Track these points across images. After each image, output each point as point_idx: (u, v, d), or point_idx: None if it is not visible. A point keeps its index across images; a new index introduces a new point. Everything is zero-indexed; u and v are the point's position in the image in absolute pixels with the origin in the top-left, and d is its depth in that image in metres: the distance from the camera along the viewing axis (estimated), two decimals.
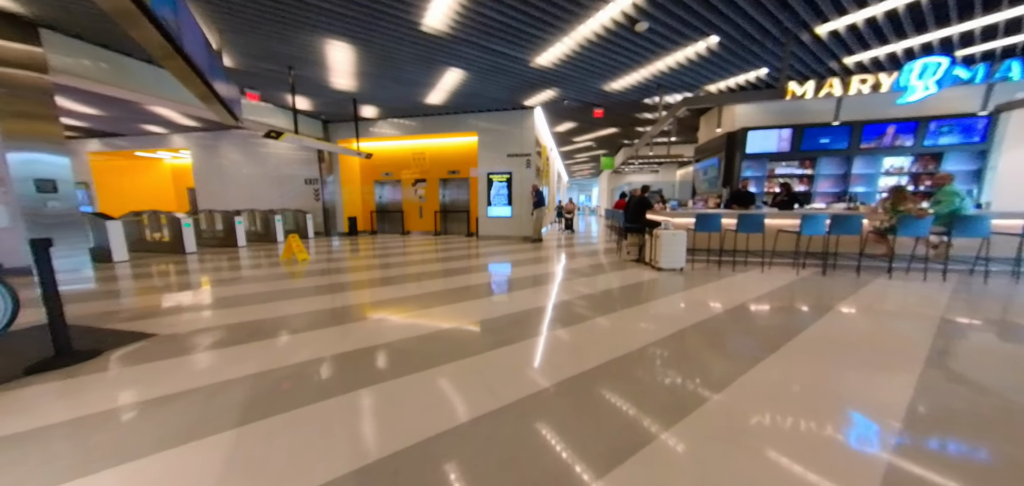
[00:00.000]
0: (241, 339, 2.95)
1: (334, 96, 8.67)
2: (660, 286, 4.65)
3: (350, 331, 3.13)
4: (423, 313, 3.62)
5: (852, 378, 2.27)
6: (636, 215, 6.85)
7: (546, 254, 7.60)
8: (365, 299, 4.17)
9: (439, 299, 4.11)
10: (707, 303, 3.89)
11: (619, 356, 2.57)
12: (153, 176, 16.13)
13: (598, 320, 3.35)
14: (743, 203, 7.24)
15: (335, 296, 4.29)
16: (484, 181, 10.64)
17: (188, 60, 2.99)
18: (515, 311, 3.63)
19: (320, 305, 3.92)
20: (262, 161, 12.36)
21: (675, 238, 5.44)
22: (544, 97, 8.71)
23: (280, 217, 9.89)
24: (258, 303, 3.99)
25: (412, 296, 4.27)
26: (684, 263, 5.54)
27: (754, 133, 7.88)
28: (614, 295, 4.23)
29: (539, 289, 4.54)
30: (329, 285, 4.84)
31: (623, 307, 3.76)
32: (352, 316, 3.55)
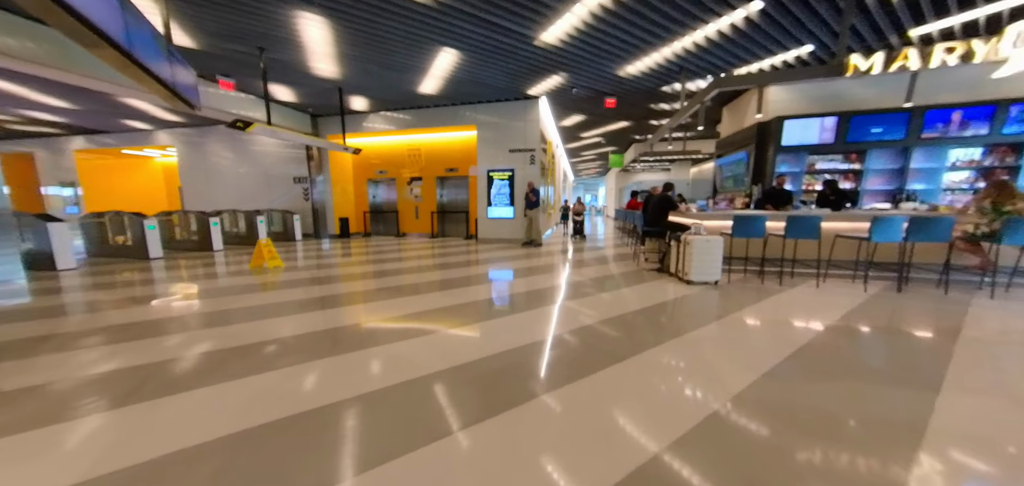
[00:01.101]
0: (121, 396, 2.10)
1: (318, 85, 7.85)
2: (697, 308, 3.71)
3: (278, 385, 2.25)
4: (390, 352, 2.73)
5: None
6: (656, 217, 5.90)
7: (551, 262, 6.68)
8: (319, 324, 3.30)
9: (415, 328, 3.22)
10: (773, 337, 2.94)
11: (675, 441, 1.65)
12: (144, 175, 15.57)
13: (627, 366, 2.42)
14: (778, 203, 6.25)
15: (287, 321, 3.43)
16: (484, 179, 9.75)
17: (105, 37, 2.30)
18: (510, 346, 2.73)
19: (264, 333, 3.05)
20: (250, 159, 11.64)
21: (710, 246, 4.48)
22: (550, 85, 7.79)
23: (263, 218, 9.12)
24: (183, 332, 3.14)
25: (378, 325, 3.39)
26: (719, 275, 4.58)
27: (792, 123, 6.87)
28: (640, 322, 3.30)
29: (543, 311, 3.63)
30: (288, 304, 3.98)
31: (657, 341, 2.82)
32: (292, 352, 2.68)
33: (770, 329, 3.10)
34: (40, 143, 13.44)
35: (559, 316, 3.47)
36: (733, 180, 8.74)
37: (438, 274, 5.51)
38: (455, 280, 5.07)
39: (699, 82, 7.55)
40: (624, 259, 6.85)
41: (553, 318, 3.40)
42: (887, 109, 6.31)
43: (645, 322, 3.28)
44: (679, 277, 4.87)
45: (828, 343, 2.79)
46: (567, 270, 5.80)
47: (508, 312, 3.62)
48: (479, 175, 9.80)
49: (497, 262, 6.62)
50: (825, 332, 3.00)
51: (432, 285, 4.77)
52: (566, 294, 4.27)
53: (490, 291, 4.49)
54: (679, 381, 2.21)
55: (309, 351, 2.69)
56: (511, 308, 3.76)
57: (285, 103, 9.27)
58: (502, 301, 4.04)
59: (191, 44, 5.69)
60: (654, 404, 1.96)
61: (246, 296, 4.27)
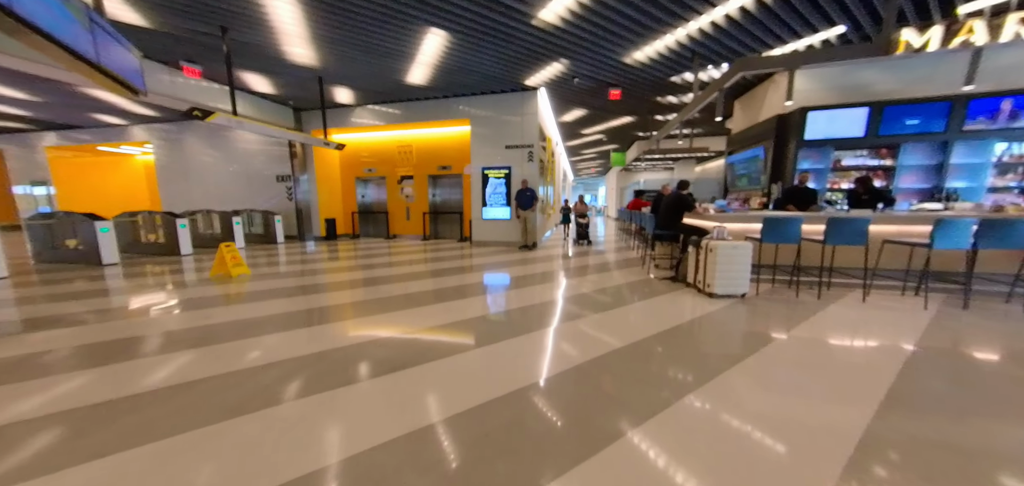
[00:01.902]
0: None
1: (296, 74, 7.18)
2: (731, 330, 3.05)
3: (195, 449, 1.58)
4: (340, 405, 2.07)
5: None
6: (670, 219, 5.24)
7: (550, 269, 6.01)
8: (265, 356, 2.63)
9: (383, 359, 2.56)
10: (849, 371, 2.28)
11: None
12: (124, 174, 14.86)
13: (662, 427, 1.76)
14: (801, 203, 5.61)
15: (216, 354, 2.75)
16: (478, 178, 9.08)
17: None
18: (501, 391, 2.07)
19: (173, 374, 2.38)
20: (232, 156, 10.96)
21: (737, 253, 3.83)
22: (549, 74, 7.13)
23: (239, 219, 8.44)
24: (78, 373, 2.46)
25: (342, 355, 2.72)
26: (747, 287, 3.93)
27: (816, 115, 6.22)
28: (665, 352, 2.63)
29: (540, 338, 2.97)
30: (231, 328, 3.30)
31: (697, 381, 2.16)
32: (196, 409, 2.01)
33: (838, 359, 2.45)
34: (9, 139, 12.72)
35: (561, 344, 2.80)
36: (747, 178, 8.10)
37: (424, 284, 4.84)
38: (441, 293, 4.41)
39: (712, 71, 6.92)
40: (631, 266, 6.19)
41: (553, 348, 2.74)
42: (927, 98, 5.66)
43: (671, 351, 2.61)
44: (698, 288, 4.21)
45: (923, 377, 2.13)
46: (568, 280, 5.14)
47: (502, 335, 2.95)
48: (474, 173, 9.13)
49: (491, 269, 5.96)
50: (911, 362, 2.35)
51: (414, 300, 4.11)
52: (568, 313, 3.61)
53: (481, 306, 3.83)
54: (750, 450, 1.55)
55: (228, 404, 2.02)
56: (505, 329, 3.10)
57: (262, 95, 8.59)
58: (494, 322, 3.38)
59: (138, 20, 5.00)
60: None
61: (181, 316, 3.60)
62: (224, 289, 4.57)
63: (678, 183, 5.30)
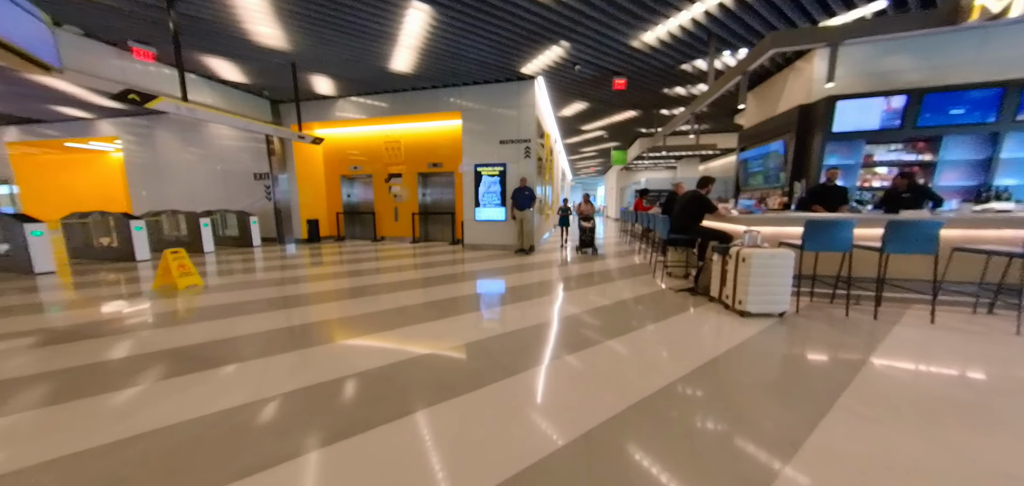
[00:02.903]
0: None
1: (267, 59, 6.45)
2: (783, 366, 2.36)
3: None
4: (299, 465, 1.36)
5: None
6: (685, 221, 4.56)
7: (549, 278, 5.33)
8: (180, 404, 1.92)
9: (348, 418, 1.85)
10: (987, 432, 1.59)
11: None
12: (98, 172, 14.05)
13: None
14: (830, 202, 4.98)
15: (106, 407, 2.04)
16: (471, 176, 8.38)
17: None
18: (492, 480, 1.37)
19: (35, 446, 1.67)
20: (206, 153, 10.20)
21: (776, 263, 3.15)
22: (548, 60, 6.45)
23: (207, 221, 7.69)
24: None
25: (276, 407, 2.01)
26: (788, 305, 3.25)
27: (846, 104, 5.56)
28: (706, 406, 1.94)
29: (541, 378, 2.27)
30: (142, 362, 2.59)
31: (769, 455, 1.47)
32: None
33: (955, 411, 1.76)
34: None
35: (569, 394, 2.11)
36: (762, 176, 7.44)
37: (406, 298, 4.14)
38: (426, 309, 3.71)
39: (728, 58, 6.25)
40: (638, 274, 5.51)
41: (559, 397, 2.05)
42: (975, 84, 5.00)
43: (713, 403, 1.92)
44: (726, 304, 3.53)
45: None
46: (571, 293, 4.45)
47: (492, 374, 2.26)
48: (466, 171, 8.43)
49: (485, 280, 5.27)
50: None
51: (392, 320, 3.41)
52: (575, 338, 2.92)
53: (471, 330, 3.13)
54: None
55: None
56: (497, 364, 2.40)
57: (233, 84, 7.85)
58: (484, 353, 2.68)
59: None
60: None
61: (69, 349, 2.88)
62: (161, 306, 3.84)
63: (698, 181, 4.62)
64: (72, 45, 4.94)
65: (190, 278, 4.52)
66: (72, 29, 4.91)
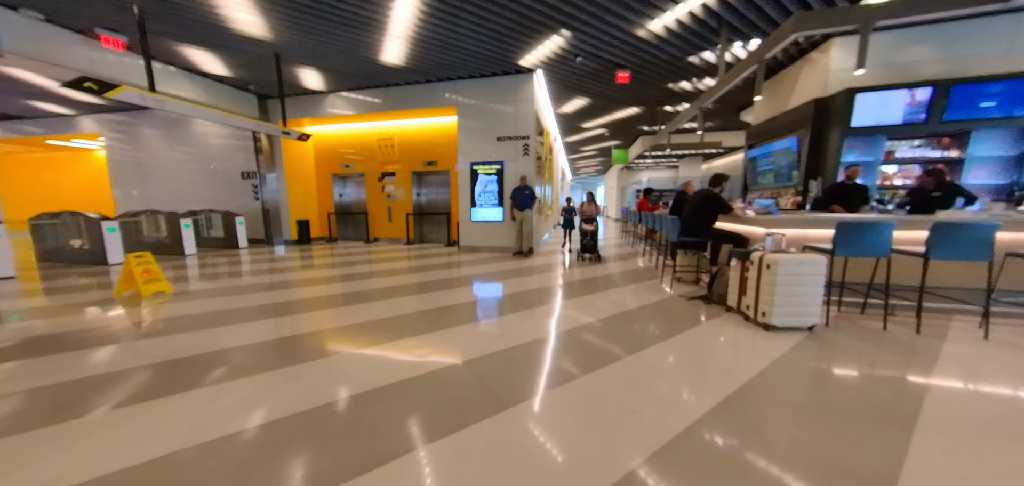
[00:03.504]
0: None
1: (249, 49, 6.07)
2: (838, 397, 1.99)
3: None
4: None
5: None
6: (697, 223, 4.19)
7: (550, 284, 4.96)
8: (103, 453, 1.54)
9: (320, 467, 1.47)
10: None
11: None
12: (84, 171, 13.63)
13: None
14: (850, 202, 4.63)
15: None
16: (467, 174, 8.00)
17: None
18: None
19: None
20: (192, 150, 9.82)
21: (806, 271, 2.78)
22: (548, 50, 6.07)
23: (189, 222, 7.30)
24: None
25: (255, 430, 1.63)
26: (818, 317, 2.89)
27: (866, 97, 5.20)
28: (743, 448, 1.57)
29: (525, 416, 1.90)
30: (65, 393, 2.21)
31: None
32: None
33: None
34: None
35: (569, 438, 1.73)
36: (773, 174, 7.08)
37: (392, 307, 3.76)
38: (409, 323, 3.34)
39: (738, 49, 5.90)
40: (644, 279, 5.15)
41: (559, 444, 1.67)
42: (1010, 74, 4.64)
43: (757, 446, 1.55)
44: (745, 315, 3.17)
45: None
46: (574, 301, 4.08)
47: (480, 411, 1.89)
48: (462, 170, 8.05)
49: (482, 286, 4.89)
50: None
51: (376, 334, 3.04)
52: (575, 361, 2.55)
53: (460, 347, 2.76)
54: None
55: None
56: (484, 402, 2.03)
57: (217, 78, 7.46)
58: (472, 382, 2.31)
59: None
60: None
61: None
62: (117, 318, 3.46)
63: (711, 178, 4.25)
64: (28, 30, 4.55)
65: (156, 285, 4.13)
66: (30, 14, 4.52)
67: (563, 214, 8.41)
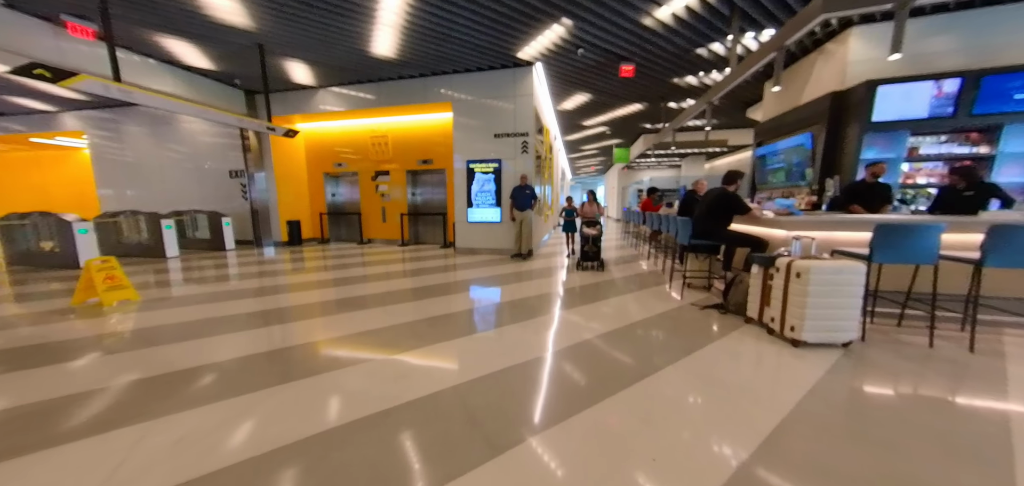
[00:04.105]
0: None
1: (230, 40, 5.72)
2: (901, 434, 1.63)
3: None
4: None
5: None
6: (710, 224, 3.85)
7: (549, 291, 4.61)
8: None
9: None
10: None
11: None
12: (71, 170, 13.24)
13: None
14: (871, 202, 4.29)
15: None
16: (463, 174, 7.66)
17: None
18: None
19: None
20: (179, 148, 9.46)
21: (842, 279, 2.44)
22: (548, 41, 5.72)
23: (170, 223, 6.95)
24: None
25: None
26: (855, 333, 2.54)
27: (888, 90, 4.86)
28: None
29: (521, 465, 1.55)
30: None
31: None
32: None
33: None
34: None
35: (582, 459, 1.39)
36: (784, 173, 6.74)
37: (377, 318, 3.42)
38: (395, 336, 2.99)
39: (750, 41, 5.56)
40: (650, 284, 4.80)
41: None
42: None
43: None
44: (769, 328, 2.82)
45: None
46: (576, 310, 3.74)
47: (466, 460, 1.54)
48: (458, 168, 7.70)
49: (475, 291, 4.55)
50: None
51: (355, 350, 2.70)
52: (581, 387, 2.21)
53: (449, 368, 2.42)
54: None
55: None
56: (472, 445, 1.68)
57: (200, 71, 7.11)
58: (459, 416, 1.96)
59: None
60: None
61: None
62: (69, 329, 3.11)
63: (725, 176, 3.90)
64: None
65: (120, 292, 3.78)
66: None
67: (563, 216, 7.68)
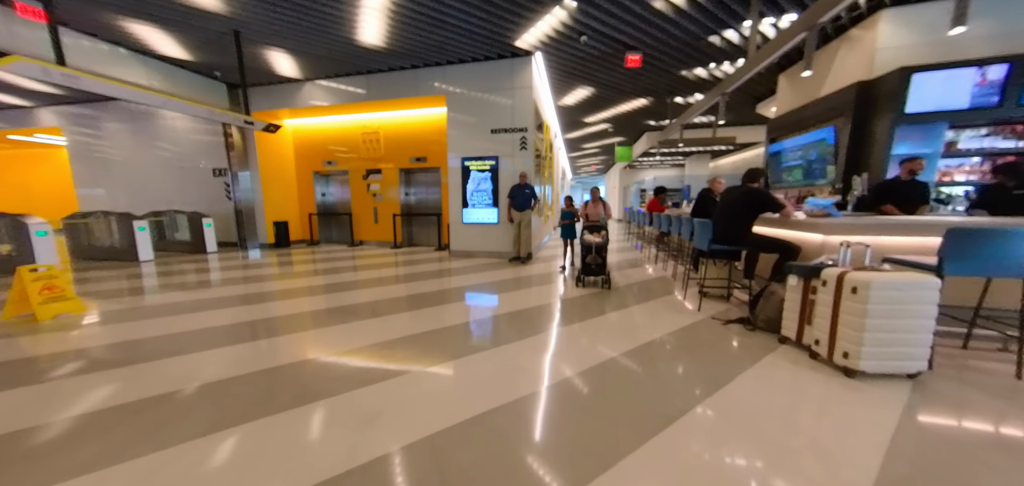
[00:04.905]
0: None
1: (203, 25, 5.27)
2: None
3: None
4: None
5: None
6: (736, 227, 3.39)
7: (547, 301, 4.16)
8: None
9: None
10: None
11: None
12: (54, 170, 12.80)
13: None
14: (907, 202, 3.84)
15: None
16: (458, 172, 7.20)
17: None
18: None
19: None
20: (160, 145, 9.00)
21: (912, 295, 1.99)
22: (548, 27, 5.26)
23: (144, 225, 6.49)
24: None
25: None
26: (925, 362, 2.08)
27: (924, 77, 4.41)
28: None
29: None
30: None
31: None
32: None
33: None
34: None
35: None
36: (802, 170, 6.29)
37: (358, 335, 2.96)
38: (374, 357, 2.54)
39: (769, 25, 5.10)
40: (660, 292, 4.34)
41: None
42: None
43: None
44: (812, 352, 2.36)
45: None
46: (578, 331, 3.28)
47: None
48: (453, 166, 7.24)
49: (469, 300, 4.09)
50: None
51: (325, 380, 2.24)
52: (590, 434, 1.75)
53: (427, 407, 1.97)
54: None
55: None
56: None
57: (176, 62, 6.65)
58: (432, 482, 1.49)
59: None
60: None
61: None
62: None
63: (746, 173, 3.44)
64: None
65: (61, 304, 3.32)
66: None
67: (561, 219, 6.13)
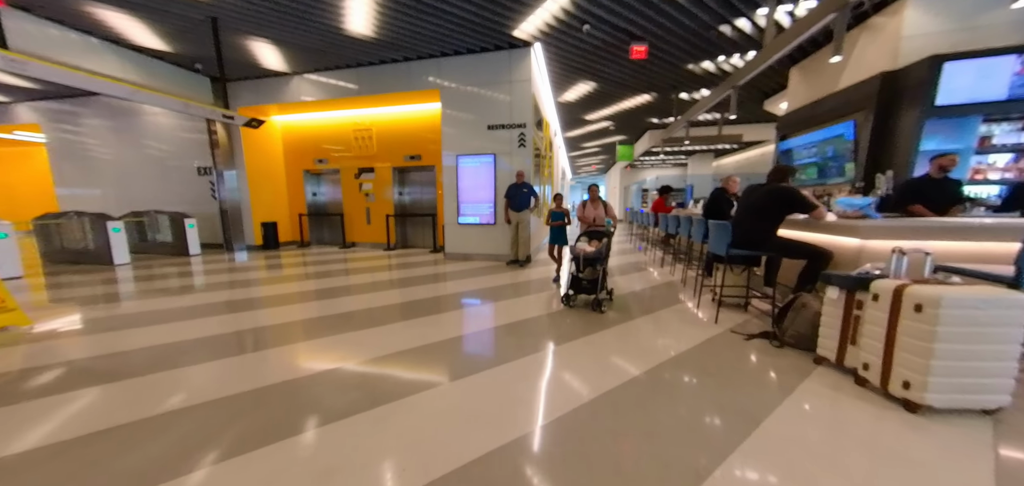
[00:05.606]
0: None
1: (179, 12, 4.90)
2: None
3: None
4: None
5: None
6: (760, 229, 3.03)
7: (546, 312, 3.80)
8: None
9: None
10: None
11: None
12: (38, 169, 12.39)
13: None
14: (937, 201, 3.51)
15: None
16: (453, 171, 6.84)
17: None
18: None
19: None
20: (143, 142, 8.63)
21: (995, 315, 1.63)
22: (548, 12, 4.90)
23: (119, 226, 6.12)
24: None
25: None
26: (1009, 396, 1.73)
27: (956, 66, 4.06)
28: None
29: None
30: None
31: None
32: None
33: None
34: None
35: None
36: (817, 168, 5.94)
37: (338, 351, 2.61)
38: (354, 384, 2.18)
39: (784, 13, 4.76)
40: (670, 300, 3.99)
41: None
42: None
43: None
44: (861, 379, 2.01)
45: None
46: (582, 346, 2.93)
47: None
48: (447, 165, 6.88)
49: (463, 309, 3.73)
50: None
51: (293, 414, 1.88)
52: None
53: (406, 455, 1.60)
54: None
55: None
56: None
57: (154, 53, 6.28)
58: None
59: None
60: None
61: None
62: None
63: (772, 171, 3.09)
64: None
65: (3, 316, 2.95)
66: None
67: (551, 219, 5.05)
